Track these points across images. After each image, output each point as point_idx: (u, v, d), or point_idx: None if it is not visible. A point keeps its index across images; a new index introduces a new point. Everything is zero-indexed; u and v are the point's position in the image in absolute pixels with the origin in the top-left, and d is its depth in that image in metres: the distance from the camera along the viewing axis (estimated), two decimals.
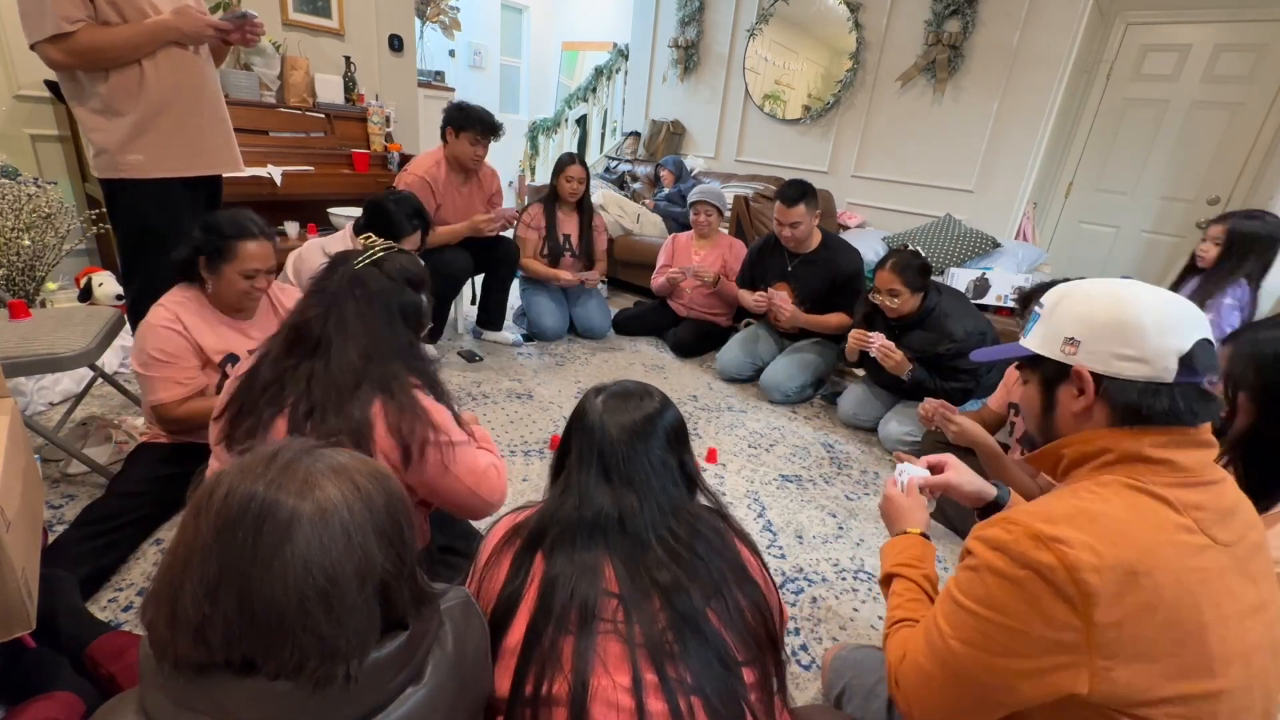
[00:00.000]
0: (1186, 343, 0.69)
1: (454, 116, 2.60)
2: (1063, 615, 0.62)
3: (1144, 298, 0.72)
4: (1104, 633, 0.61)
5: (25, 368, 1.52)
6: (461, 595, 0.71)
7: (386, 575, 0.56)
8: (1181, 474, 0.68)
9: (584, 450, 0.83)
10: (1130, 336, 0.70)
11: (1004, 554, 0.66)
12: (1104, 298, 0.74)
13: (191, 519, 0.53)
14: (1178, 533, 0.65)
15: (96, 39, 1.51)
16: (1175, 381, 0.69)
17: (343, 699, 0.54)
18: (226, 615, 0.50)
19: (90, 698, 0.97)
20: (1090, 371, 0.73)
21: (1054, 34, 3.27)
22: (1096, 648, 0.61)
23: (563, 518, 0.80)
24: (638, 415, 0.84)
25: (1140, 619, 0.61)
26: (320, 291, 1.07)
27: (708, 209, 3.06)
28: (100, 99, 1.58)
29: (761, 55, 4.31)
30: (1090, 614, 0.61)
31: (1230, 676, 0.63)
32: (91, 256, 2.87)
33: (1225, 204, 3.43)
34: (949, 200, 3.74)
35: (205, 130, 1.74)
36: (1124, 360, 0.71)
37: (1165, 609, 0.62)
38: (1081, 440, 0.74)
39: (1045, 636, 0.63)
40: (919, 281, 2.09)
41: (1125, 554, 0.62)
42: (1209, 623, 0.63)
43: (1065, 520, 0.65)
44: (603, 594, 0.74)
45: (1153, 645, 0.62)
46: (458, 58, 6.11)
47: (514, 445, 2.15)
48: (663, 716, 0.68)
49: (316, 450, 0.58)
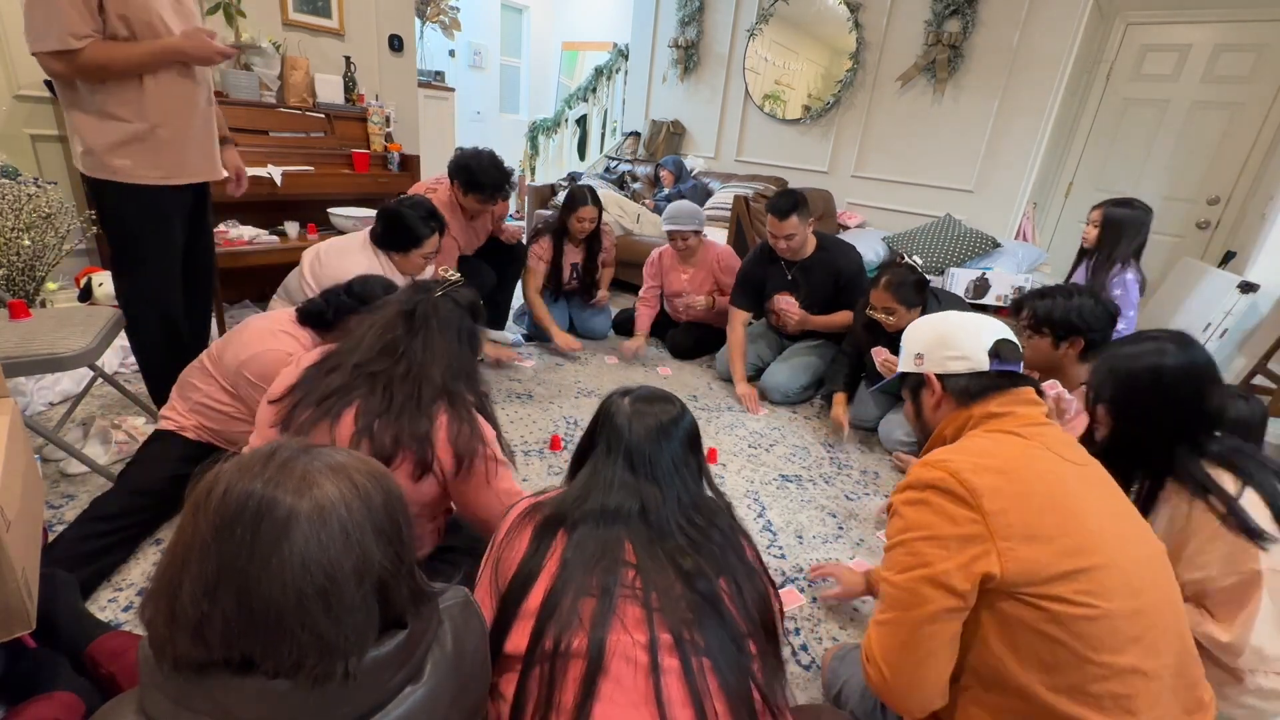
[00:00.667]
0: (990, 340, 0.97)
1: (461, 177, 2.47)
2: (962, 512, 0.79)
3: (954, 316, 1.04)
4: (996, 519, 0.78)
5: (25, 368, 1.52)
6: (461, 594, 0.71)
7: (385, 573, 0.56)
8: (1022, 419, 0.91)
9: (611, 445, 0.90)
10: (951, 342, 0.99)
11: (908, 488, 0.87)
12: (930, 322, 1.06)
13: (190, 517, 0.53)
14: (1032, 449, 0.86)
15: (101, 55, 1.49)
16: (990, 369, 0.95)
17: (341, 697, 0.54)
18: (225, 613, 0.50)
19: (90, 698, 0.97)
20: (935, 374, 1.00)
21: (1054, 34, 3.27)
22: (995, 532, 0.77)
23: (586, 503, 0.86)
24: (662, 417, 0.92)
25: (1021, 504, 0.79)
26: (408, 315, 1.19)
27: (683, 235, 2.84)
28: (96, 105, 1.56)
29: (761, 55, 4.31)
30: (980, 504, 0.78)
31: (1111, 554, 0.78)
32: (91, 256, 2.87)
33: (1225, 204, 3.43)
34: (949, 200, 3.74)
35: (194, 143, 1.73)
36: (952, 360, 0.98)
37: (1038, 497, 0.80)
38: (949, 421, 0.98)
39: (955, 534, 0.79)
40: (914, 298, 2.08)
41: (995, 462, 0.83)
42: (1080, 511, 0.80)
43: (944, 452, 0.87)
44: (623, 564, 0.80)
45: (1040, 527, 0.78)
46: (458, 58, 6.11)
47: (514, 445, 2.16)
48: (675, 672, 0.73)
49: (314, 449, 0.58)
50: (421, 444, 1.10)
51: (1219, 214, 3.46)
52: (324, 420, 1.10)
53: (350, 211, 3.14)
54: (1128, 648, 0.76)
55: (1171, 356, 1.07)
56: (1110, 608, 0.75)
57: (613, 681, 0.72)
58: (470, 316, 1.26)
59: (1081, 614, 0.75)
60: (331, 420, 1.10)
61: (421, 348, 1.17)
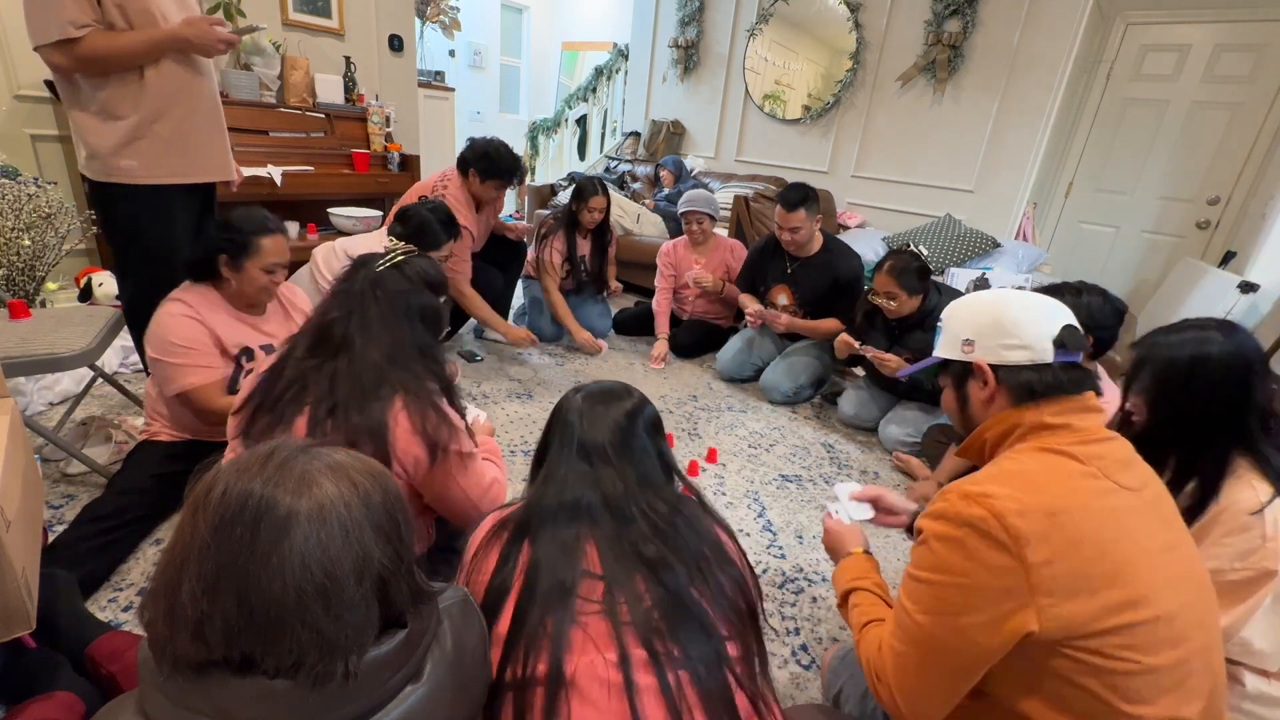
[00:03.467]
0: (1055, 327, 0.85)
1: (479, 163, 2.51)
2: (1001, 561, 0.70)
3: (1013, 297, 0.89)
4: (1039, 571, 0.69)
5: (25, 368, 1.52)
6: (460, 594, 0.71)
7: (384, 572, 0.56)
8: (1080, 433, 0.80)
9: (564, 440, 0.86)
10: (1010, 328, 0.86)
11: (943, 519, 0.76)
12: (983, 302, 0.91)
13: (189, 517, 0.53)
14: (1085, 479, 0.76)
15: (102, 45, 1.48)
16: (1055, 361, 0.84)
17: (341, 697, 0.54)
18: (225, 613, 0.50)
19: (90, 698, 0.97)
20: (988, 364, 0.87)
21: (1054, 34, 3.27)
22: (1037, 586, 0.69)
23: (544, 504, 0.82)
24: (617, 408, 0.88)
25: (1068, 554, 0.70)
26: (344, 293, 1.10)
27: (699, 218, 2.96)
28: (98, 103, 1.55)
29: (761, 55, 4.31)
30: (1023, 554, 0.69)
31: (1161, 604, 0.71)
32: (91, 256, 2.87)
33: (1225, 204, 3.43)
34: (949, 200, 3.74)
35: (201, 139, 1.72)
36: (1010, 349, 0.86)
37: (1089, 543, 0.71)
38: (995, 422, 0.87)
39: (991, 585, 0.71)
40: (917, 285, 2.09)
41: (1043, 499, 0.72)
42: (1132, 555, 0.72)
43: (989, 480, 0.76)
44: (584, 575, 0.75)
45: (1087, 579, 0.70)
46: (458, 58, 6.11)
47: (514, 445, 2.15)
48: (652, 690, 0.69)
49: (313, 448, 0.58)
50: (377, 439, 1.01)
51: (1219, 214, 3.46)
52: (278, 426, 1.02)
53: (350, 211, 3.14)
54: (1161, 698, 0.71)
55: (1216, 345, 1.00)
56: (1151, 663, 0.70)
57: (589, 705, 0.68)
58: (427, 290, 1.15)
59: (1122, 669, 0.70)
60: (284, 427, 1.02)
61: (359, 329, 1.06)
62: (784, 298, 2.70)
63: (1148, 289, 3.66)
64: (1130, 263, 3.80)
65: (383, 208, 3.46)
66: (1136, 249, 3.78)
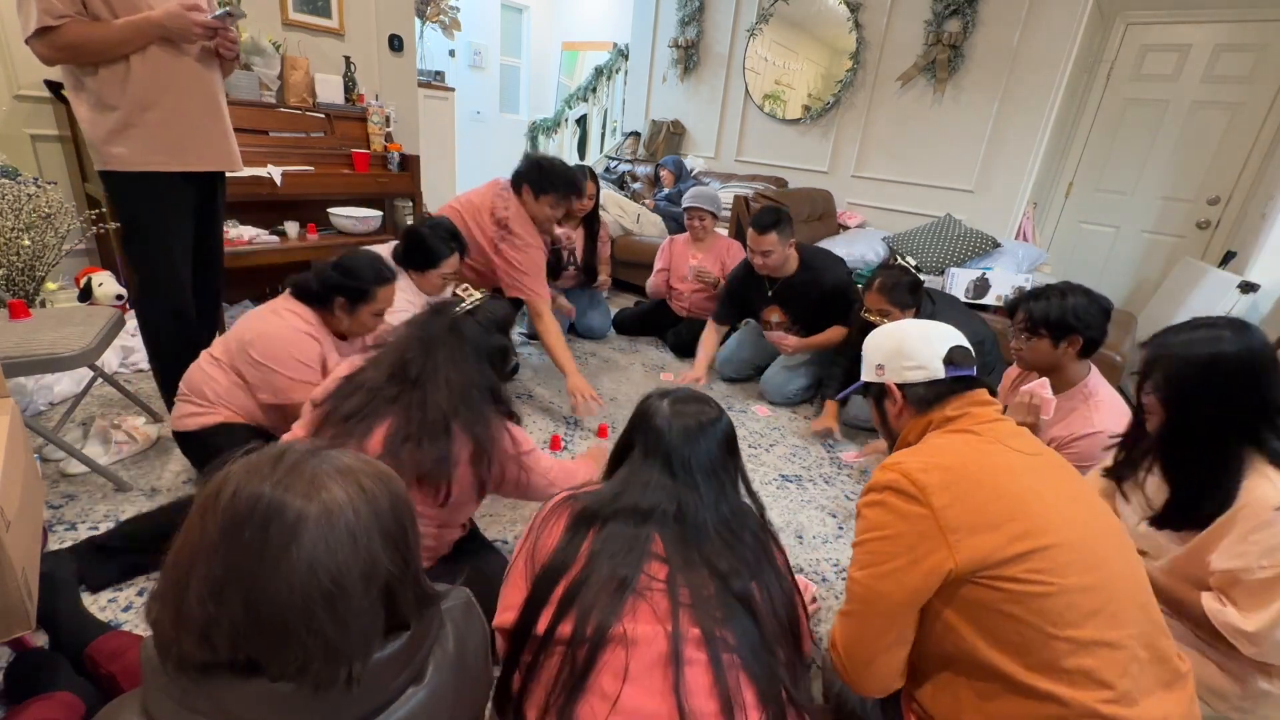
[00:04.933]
0: (943, 348, 1.01)
1: (530, 174, 2.32)
2: (913, 509, 0.84)
3: (911, 327, 1.07)
4: (945, 513, 0.82)
5: (25, 368, 1.52)
6: (463, 596, 0.71)
7: (391, 577, 0.56)
8: (976, 418, 0.95)
9: (649, 446, 0.92)
10: (908, 352, 1.03)
11: (870, 490, 0.91)
12: (888, 334, 1.09)
13: (198, 518, 0.53)
14: (982, 444, 0.91)
15: (81, 34, 1.50)
16: (946, 375, 1.00)
17: (345, 700, 0.54)
18: (232, 616, 0.50)
19: (90, 698, 0.97)
20: (895, 384, 1.05)
21: (1054, 34, 3.27)
22: (945, 526, 0.82)
23: (619, 501, 0.87)
24: (701, 419, 0.94)
25: (968, 497, 0.83)
26: (421, 337, 1.19)
27: (701, 214, 3.02)
28: (91, 92, 1.58)
29: (761, 55, 4.31)
30: (930, 500, 0.83)
31: (1060, 533, 0.81)
32: (91, 256, 2.87)
33: (1225, 204, 3.43)
34: (949, 200, 3.74)
35: (195, 127, 1.71)
36: (910, 370, 1.02)
37: (985, 489, 0.84)
38: (912, 426, 1.03)
39: (908, 531, 0.84)
40: (908, 299, 2.06)
41: (945, 459, 0.88)
42: (1026, 496, 0.83)
43: (901, 455, 0.91)
44: (651, 556, 0.81)
45: (987, 515, 0.82)
46: (458, 58, 6.10)
47: None
48: (700, 664, 0.73)
49: (323, 452, 0.58)
50: (440, 471, 1.11)
51: (1219, 214, 3.46)
52: (348, 440, 1.10)
53: (350, 211, 3.14)
54: (1087, 621, 0.78)
55: (1229, 344, 1.02)
56: (1065, 583, 0.78)
57: (636, 665, 0.73)
58: (496, 332, 1.25)
59: (1038, 591, 0.78)
60: (357, 440, 1.10)
61: (432, 371, 1.15)
62: (776, 316, 2.70)
63: (1148, 289, 3.66)
64: (1130, 263, 3.80)
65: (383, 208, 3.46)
66: (1136, 249, 3.78)
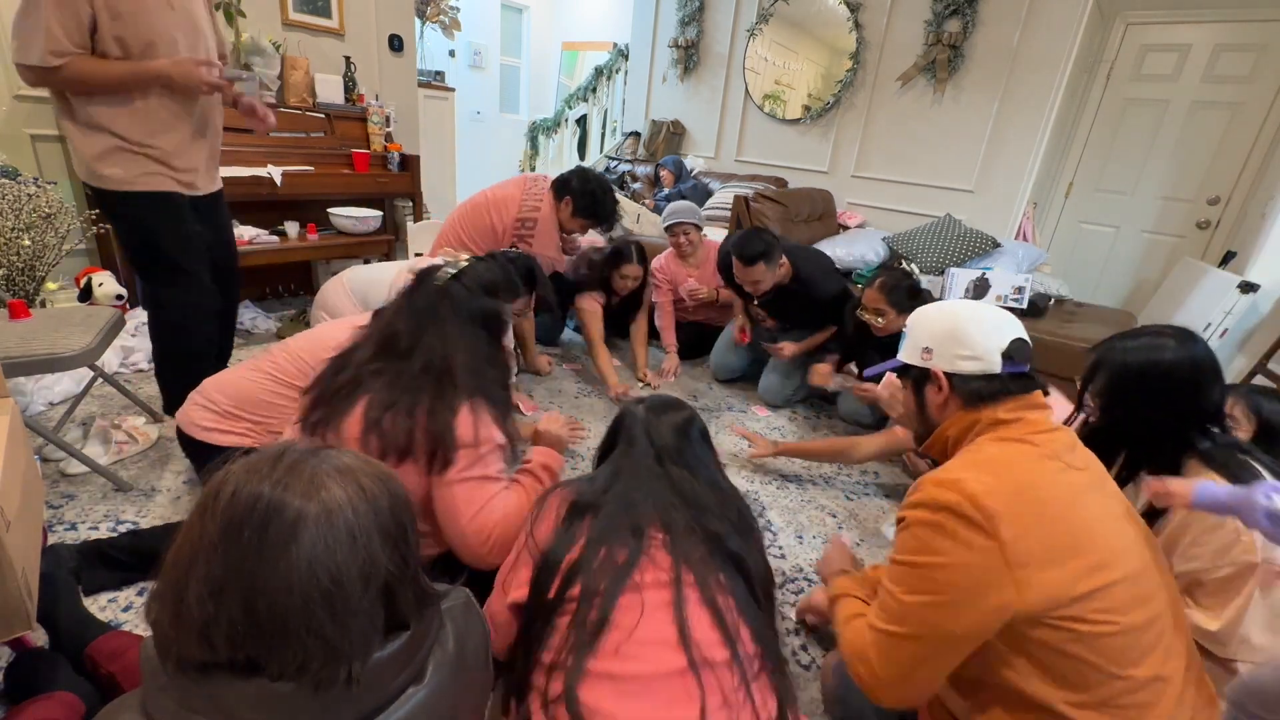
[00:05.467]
0: (1005, 341, 0.92)
1: (582, 199, 2.38)
2: (978, 539, 0.76)
3: (969, 310, 0.97)
4: (1013, 546, 0.75)
5: (25, 368, 1.52)
6: (463, 595, 0.71)
7: (390, 577, 0.56)
8: (1032, 424, 0.88)
9: (630, 442, 1.00)
10: (964, 339, 0.94)
11: (922, 506, 0.82)
12: (942, 313, 0.99)
13: (197, 518, 0.53)
14: (1042, 460, 0.84)
15: (83, 72, 1.46)
16: (1003, 371, 0.91)
17: (344, 700, 0.54)
18: (231, 615, 0.50)
19: (90, 698, 0.97)
20: (943, 371, 0.95)
21: (1054, 34, 3.27)
22: (1012, 560, 0.75)
23: (614, 489, 0.94)
24: (678, 417, 1.05)
25: (1037, 527, 0.76)
26: (409, 307, 1.17)
27: (685, 229, 2.81)
28: (84, 114, 1.54)
29: (761, 55, 4.31)
30: (997, 531, 0.75)
31: (1124, 565, 0.78)
32: (91, 256, 2.86)
33: (1225, 204, 3.43)
34: (949, 200, 3.74)
35: (186, 157, 1.70)
36: (963, 359, 0.93)
37: (1052, 516, 0.78)
38: (954, 421, 0.94)
39: (971, 563, 0.76)
40: (906, 303, 2.04)
41: (1008, 479, 0.80)
42: (1091, 523, 0.79)
43: (959, 468, 0.83)
44: (651, 523, 0.88)
45: (1055, 550, 0.76)
46: (458, 58, 6.10)
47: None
48: (697, 602, 0.81)
49: (323, 451, 0.58)
50: (437, 439, 1.07)
51: (1219, 214, 3.46)
52: (332, 419, 1.09)
53: (350, 211, 3.14)
54: (1147, 658, 0.76)
55: (1170, 352, 1.06)
56: (1128, 622, 0.76)
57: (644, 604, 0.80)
58: (485, 294, 1.21)
59: (1104, 631, 0.75)
60: (336, 420, 1.09)
61: (423, 340, 1.12)
62: (767, 322, 2.69)
63: (1148, 289, 3.66)
64: (1130, 263, 3.80)
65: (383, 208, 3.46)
66: (1136, 249, 3.78)
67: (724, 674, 0.76)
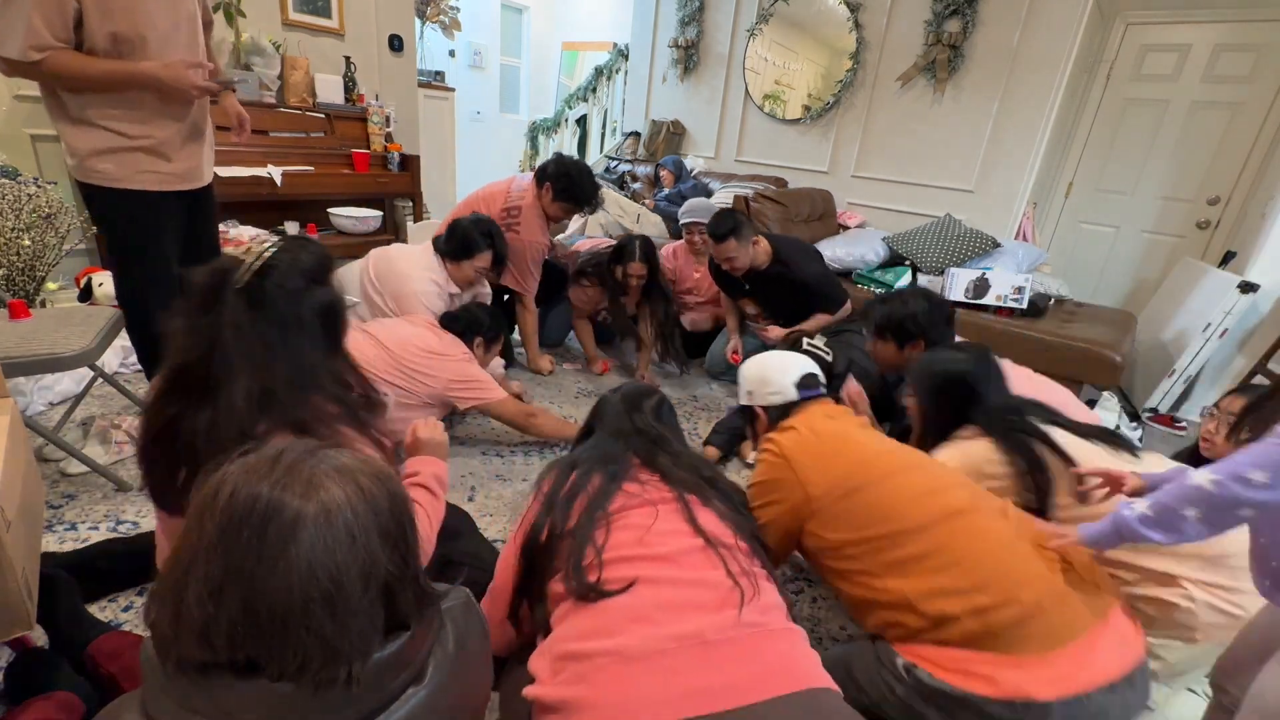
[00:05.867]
0: (797, 375, 1.35)
1: (559, 181, 2.42)
2: (780, 463, 1.22)
3: (771, 359, 1.41)
4: (797, 463, 1.20)
5: (25, 368, 1.52)
6: (462, 595, 0.71)
7: (390, 577, 0.56)
8: (811, 413, 1.31)
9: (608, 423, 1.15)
10: (769, 381, 1.36)
11: (761, 450, 1.30)
12: (753, 365, 1.42)
13: (195, 519, 0.53)
14: (823, 420, 1.29)
15: (66, 66, 1.42)
16: (799, 398, 1.34)
17: (345, 700, 0.54)
18: (231, 616, 0.50)
19: (90, 698, 0.97)
20: (760, 407, 1.36)
21: (1054, 34, 3.27)
22: (799, 472, 1.18)
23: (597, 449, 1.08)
24: (648, 398, 1.21)
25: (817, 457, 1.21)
26: (205, 324, 0.83)
27: (700, 228, 2.81)
28: (75, 108, 1.52)
29: (761, 55, 4.31)
30: (789, 457, 1.21)
31: (882, 466, 1.16)
32: (91, 256, 2.87)
33: (1225, 204, 3.43)
34: (949, 200, 3.74)
35: (180, 153, 1.68)
36: (771, 395, 1.35)
37: (828, 451, 1.22)
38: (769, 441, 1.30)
39: (780, 478, 1.21)
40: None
41: (800, 434, 1.25)
42: (859, 445, 1.22)
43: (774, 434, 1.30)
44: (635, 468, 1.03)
45: (826, 463, 1.19)
46: (458, 58, 6.10)
47: (514, 445, 2.16)
48: (702, 507, 0.98)
49: (321, 451, 0.58)
50: None
51: (1219, 214, 3.46)
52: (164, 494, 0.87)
53: (350, 211, 3.15)
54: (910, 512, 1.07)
55: (958, 365, 1.41)
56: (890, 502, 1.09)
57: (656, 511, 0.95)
58: (311, 284, 0.91)
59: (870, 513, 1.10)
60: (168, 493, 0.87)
61: (227, 365, 0.82)
62: (750, 308, 2.69)
63: (1148, 289, 3.66)
64: (1130, 263, 3.80)
65: (383, 208, 3.46)
66: (1136, 249, 3.78)
67: (736, 553, 0.91)
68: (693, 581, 0.85)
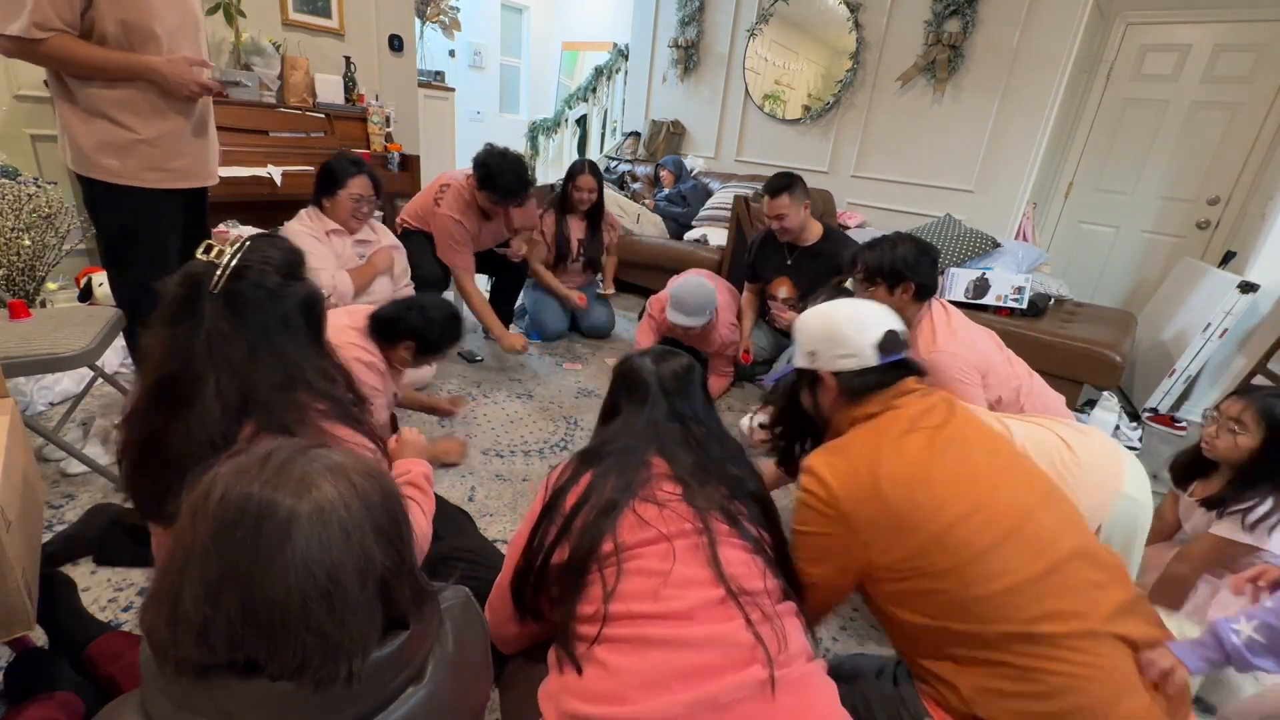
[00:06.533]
0: (878, 333, 1.02)
1: (477, 170, 2.49)
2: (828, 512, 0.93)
3: (841, 311, 1.07)
4: (855, 516, 0.91)
5: (25, 368, 1.52)
6: (461, 594, 0.71)
7: (386, 573, 0.56)
8: (899, 409, 0.99)
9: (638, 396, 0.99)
10: (839, 340, 1.03)
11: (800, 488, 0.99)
12: (818, 317, 1.08)
13: (188, 521, 0.53)
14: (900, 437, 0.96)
15: (69, 52, 1.43)
16: (878, 364, 1.02)
17: (345, 698, 0.54)
18: (229, 617, 0.50)
19: (90, 698, 0.97)
20: (829, 371, 1.05)
21: (1054, 34, 3.27)
22: (855, 527, 0.91)
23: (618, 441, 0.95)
24: (680, 365, 1.02)
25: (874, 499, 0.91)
26: (185, 334, 0.83)
27: (691, 329, 2.47)
28: (85, 102, 1.52)
29: (761, 55, 4.31)
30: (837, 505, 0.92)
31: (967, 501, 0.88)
32: (91, 256, 2.87)
33: (1225, 204, 3.43)
34: (949, 200, 3.74)
35: (184, 149, 1.69)
36: (842, 358, 1.03)
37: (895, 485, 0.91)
38: (843, 416, 1.05)
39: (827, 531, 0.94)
40: None
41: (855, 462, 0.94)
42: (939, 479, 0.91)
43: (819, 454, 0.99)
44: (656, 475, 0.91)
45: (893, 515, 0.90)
46: (458, 58, 6.10)
47: (514, 445, 2.15)
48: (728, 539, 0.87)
49: (311, 450, 0.58)
50: None
51: (1219, 214, 3.46)
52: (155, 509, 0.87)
53: None
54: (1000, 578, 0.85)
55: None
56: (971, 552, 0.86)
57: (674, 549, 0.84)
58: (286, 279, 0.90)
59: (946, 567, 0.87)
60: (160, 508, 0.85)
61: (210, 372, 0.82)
62: (784, 290, 2.67)
63: (1148, 289, 3.66)
64: (1130, 263, 3.80)
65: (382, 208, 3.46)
66: (1136, 249, 3.77)
67: (761, 598, 0.84)
68: (711, 641, 0.79)
